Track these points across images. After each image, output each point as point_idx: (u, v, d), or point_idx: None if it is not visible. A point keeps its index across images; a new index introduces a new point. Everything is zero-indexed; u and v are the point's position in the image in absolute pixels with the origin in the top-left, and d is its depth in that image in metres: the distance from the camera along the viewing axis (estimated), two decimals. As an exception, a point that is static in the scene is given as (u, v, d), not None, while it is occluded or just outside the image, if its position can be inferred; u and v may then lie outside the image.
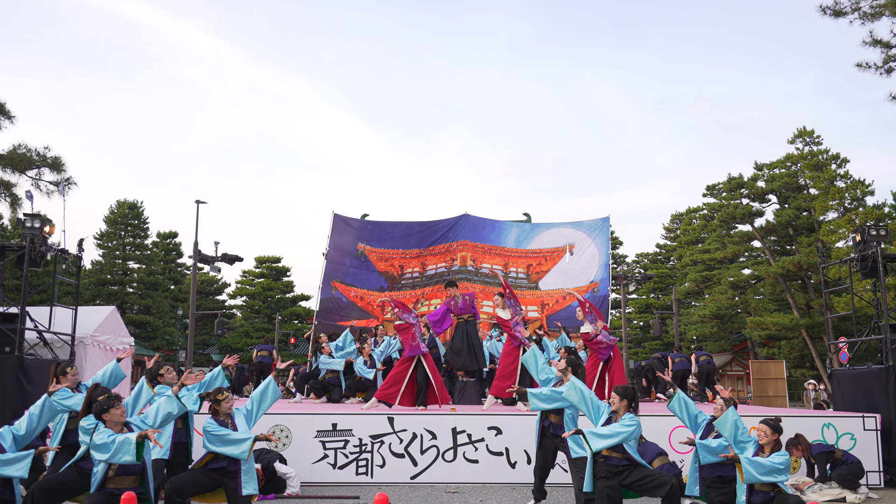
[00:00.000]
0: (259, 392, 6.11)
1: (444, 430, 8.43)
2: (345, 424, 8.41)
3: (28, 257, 9.75)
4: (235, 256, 23.89)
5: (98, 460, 5.09)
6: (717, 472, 6.02)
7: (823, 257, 13.19)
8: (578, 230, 15.13)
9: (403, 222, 15.72)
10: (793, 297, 32.30)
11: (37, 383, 9.21)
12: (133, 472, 5.22)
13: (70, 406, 6.16)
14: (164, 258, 46.24)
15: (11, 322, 9.67)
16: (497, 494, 7.74)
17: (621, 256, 49.67)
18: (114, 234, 42.34)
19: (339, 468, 8.28)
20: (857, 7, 13.80)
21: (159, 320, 41.78)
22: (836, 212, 30.11)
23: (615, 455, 5.55)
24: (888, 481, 8.70)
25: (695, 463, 6.09)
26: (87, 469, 5.30)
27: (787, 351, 32.74)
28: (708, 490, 6.06)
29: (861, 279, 10.65)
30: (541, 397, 6.46)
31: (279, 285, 46.47)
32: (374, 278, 15.09)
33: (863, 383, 9.79)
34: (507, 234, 15.55)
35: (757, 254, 37.61)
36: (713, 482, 6.05)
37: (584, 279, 14.58)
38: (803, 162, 32.17)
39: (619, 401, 5.66)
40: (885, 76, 14.06)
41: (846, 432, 8.68)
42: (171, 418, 5.77)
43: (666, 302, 43.77)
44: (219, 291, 49.57)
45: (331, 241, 14.92)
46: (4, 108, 16.63)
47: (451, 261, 15.22)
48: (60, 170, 16.71)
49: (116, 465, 5.15)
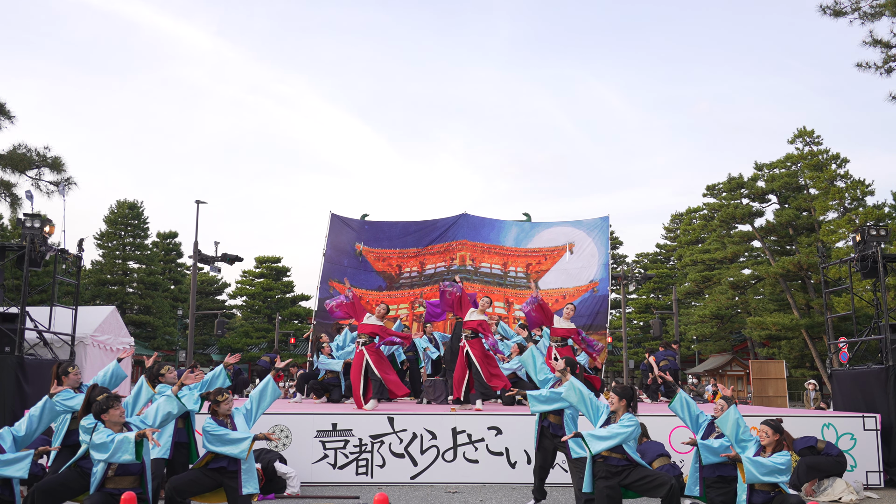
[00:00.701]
0: (258, 391, 6.10)
1: (444, 430, 8.43)
2: (345, 424, 8.40)
3: (28, 257, 9.74)
4: (235, 256, 23.91)
5: (97, 460, 5.09)
6: (717, 472, 6.02)
7: (823, 257, 13.18)
8: (578, 229, 15.10)
9: (400, 222, 15.71)
10: (793, 297, 32.30)
11: (37, 383, 9.21)
12: (132, 472, 5.21)
13: (72, 406, 6.16)
14: (164, 258, 46.26)
15: (11, 322, 9.67)
16: (497, 494, 7.74)
17: (621, 256, 49.70)
18: (114, 234, 42.35)
19: (339, 468, 8.27)
20: (857, 7, 13.80)
21: (159, 320, 41.79)
22: (836, 212, 30.11)
23: (615, 455, 5.55)
24: (888, 481, 8.70)
25: (695, 463, 6.08)
26: (87, 469, 5.30)
27: (787, 351, 32.74)
28: (708, 490, 6.06)
29: (861, 279, 10.64)
30: (540, 399, 6.46)
31: (279, 285, 46.48)
32: (373, 278, 15.09)
33: (863, 383, 9.78)
34: (507, 233, 15.52)
35: (757, 254, 37.61)
36: (714, 482, 6.05)
37: (583, 278, 14.57)
38: (803, 162, 32.17)
39: (617, 401, 5.65)
40: (885, 76, 14.07)
41: (846, 432, 8.68)
42: (171, 418, 5.77)
43: (666, 302, 43.78)
44: (219, 291, 49.59)
45: (328, 242, 14.94)
46: (4, 108, 16.64)
47: (450, 260, 15.20)
48: (60, 170, 16.72)
49: (116, 465, 5.15)
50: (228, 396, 5.86)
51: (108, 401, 5.27)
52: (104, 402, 5.25)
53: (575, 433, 5.75)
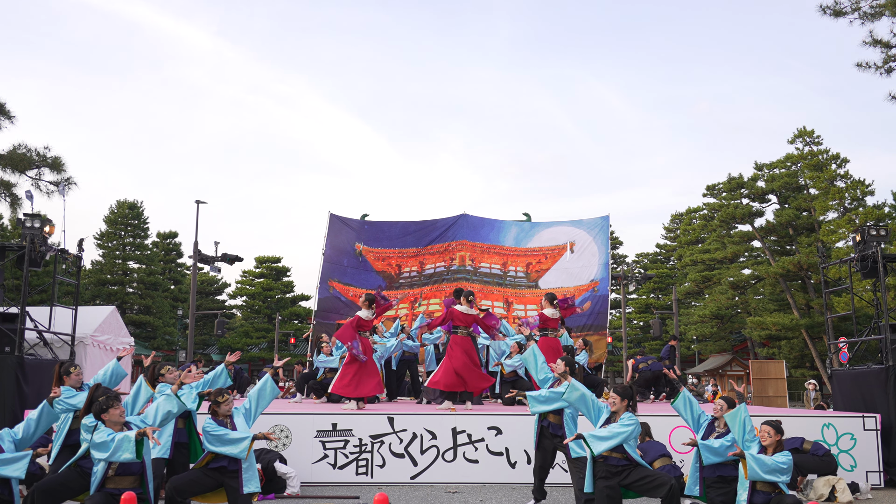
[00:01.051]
0: (257, 390, 6.07)
1: (444, 430, 8.43)
2: (345, 424, 8.40)
3: (28, 257, 9.74)
4: (235, 256, 23.90)
5: (98, 459, 5.09)
6: (717, 472, 6.02)
7: (823, 257, 13.18)
8: (579, 228, 15.09)
9: (400, 222, 15.71)
10: (793, 297, 32.29)
11: (36, 384, 9.21)
12: (133, 471, 5.21)
13: (75, 405, 6.16)
14: (164, 258, 46.26)
15: (11, 322, 9.66)
16: (497, 494, 7.73)
17: (621, 256, 49.70)
18: (114, 234, 42.35)
19: (339, 468, 8.27)
20: (857, 7, 13.79)
21: (159, 320, 41.79)
22: (836, 212, 30.11)
23: (615, 455, 5.55)
24: (888, 481, 8.70)
25: (695, 463, 6.08)
26: (87, 469, 5.30)
27: (787, 351, 32.74)
28: (708, 490, 6.06)
29: (861, 279, 10.65)
30: (540, 399, 6.46)
31: (279, 285, 46.49)
32: (372, 278, 15.09)
33: (863, 383, 9.78)
34: (506, 233, 15.50)
35: (757, 254, 37.61)
36: (713, 482, 6.05)
37: (584, 278, 14.57)
38: (803, 162, 32.17)
39: (619, 401, 5.66)
40: (885, 76, 14.06)
41: (846, 432, 8.67)
42: (171, 417, 5.76)
43: (666, 302, 43.79)
44: (219, 291, 49.58)
45: (328, 242, 14.96)
46: (4, 108, 16.63)
47: (449, 260, 15.20)
48: (60, 170, 16.71)
49: (116, 465, 5.15)
50: (229, 397, 5.85)
51: (108, 400, 5.27)
52: (104, 402, 5.25)
53: (577, 435, 5.75)
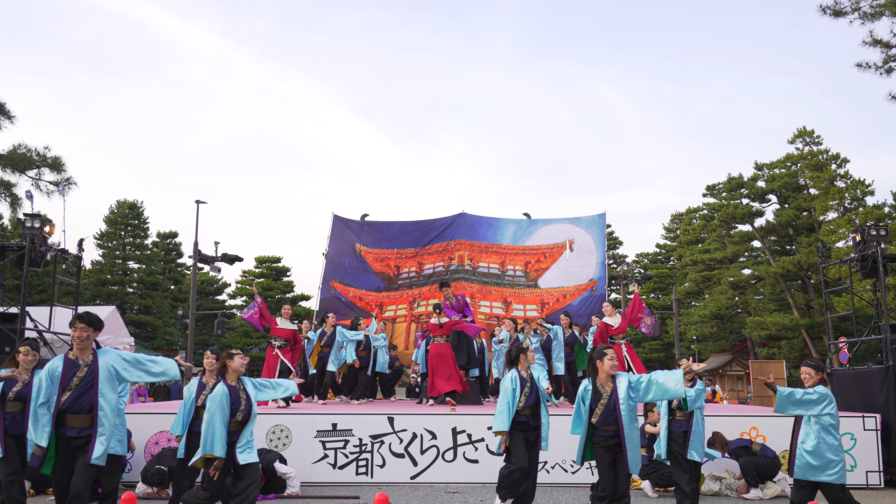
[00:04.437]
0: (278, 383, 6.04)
1: (444, 430, 8.43)
2: (345, 424, 8.41)
3: (28, 257, 9.75)
4: (235, 256, 23.89)
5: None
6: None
7: (823, 257, 13.18)
8: (576, 226, 14.96)
9: (398, 222, 15.64)
10: (793, 297, 32.29)
11: (36, 383, 9.19)
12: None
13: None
14: (164, 258, 46.22)
15: (11, 322, 9.67)
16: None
17: (621, 256, 49.69)
18: (114, 234, 42.34)
19: (339, 468, 8.28)
20: (857, 7, 13.78)
21: (159, 320, 41.78)
22: (836, 212, 30.11)
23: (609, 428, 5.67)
24: (888, 481, 8.70)
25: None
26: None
27: (787, 351, 32.73)
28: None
29: (861, 279, 10.65)
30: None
31: (279, 285, 46.43)
32: (372, 279, 15.05)
33: (863, 383, 9.78)
34: (504, 232, 15.34)
35: (757, 254, 37.61)
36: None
37: (584, 277, 14.51)
38: (803, 162, 32.17)
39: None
40: (885, 76, 14.04)
41: (846, 432, 8.65)
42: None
43: (666, 302, 43.77)
44: (219, 291, 49.55)
45: (330, 242, 14.93)
46: (4, 108, 16.61)
47: (448, 260, 15.15)
48: (60, 170, 16.68)
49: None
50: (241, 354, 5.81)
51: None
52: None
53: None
